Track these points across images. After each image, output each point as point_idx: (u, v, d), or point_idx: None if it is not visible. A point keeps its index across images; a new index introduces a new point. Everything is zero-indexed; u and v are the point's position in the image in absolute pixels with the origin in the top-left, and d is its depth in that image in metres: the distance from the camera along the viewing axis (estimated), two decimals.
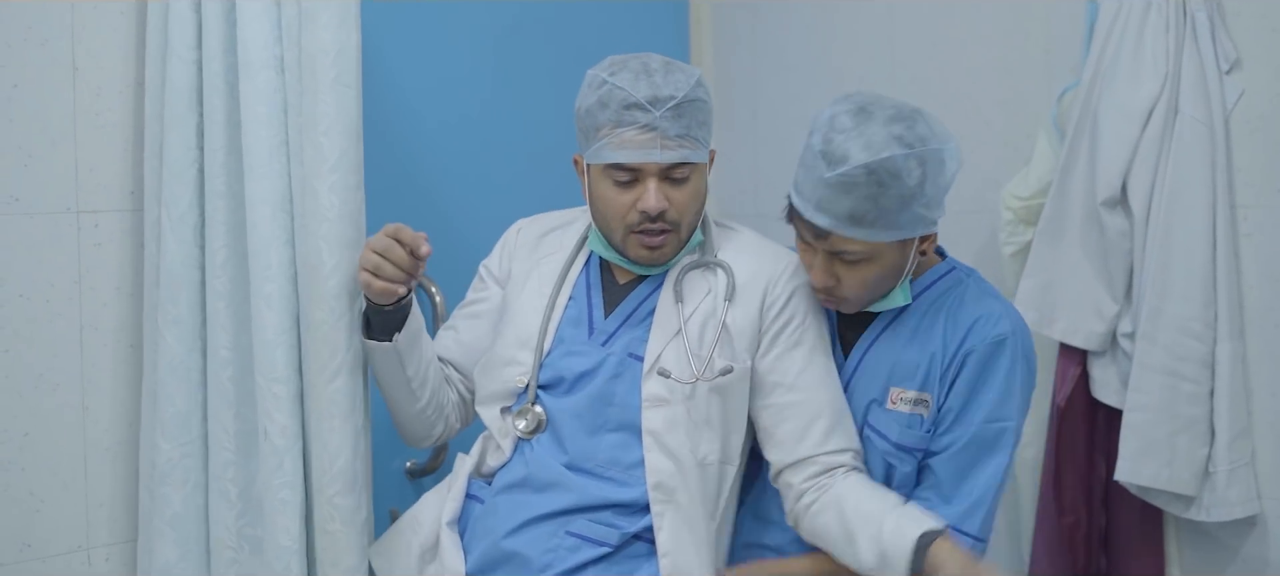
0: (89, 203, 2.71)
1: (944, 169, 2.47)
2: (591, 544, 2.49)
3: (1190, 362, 2.90)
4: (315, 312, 2.56)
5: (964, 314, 2.55)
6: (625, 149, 2.49)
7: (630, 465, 2.52)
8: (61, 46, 2.67)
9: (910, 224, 2.46)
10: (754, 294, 2.57)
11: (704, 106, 2.54)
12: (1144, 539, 3.07)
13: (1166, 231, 2.90)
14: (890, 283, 2.54)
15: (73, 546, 2.72)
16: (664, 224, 2.52)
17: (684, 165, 2.51)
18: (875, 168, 2.39)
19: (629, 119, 2.48)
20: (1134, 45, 2.95)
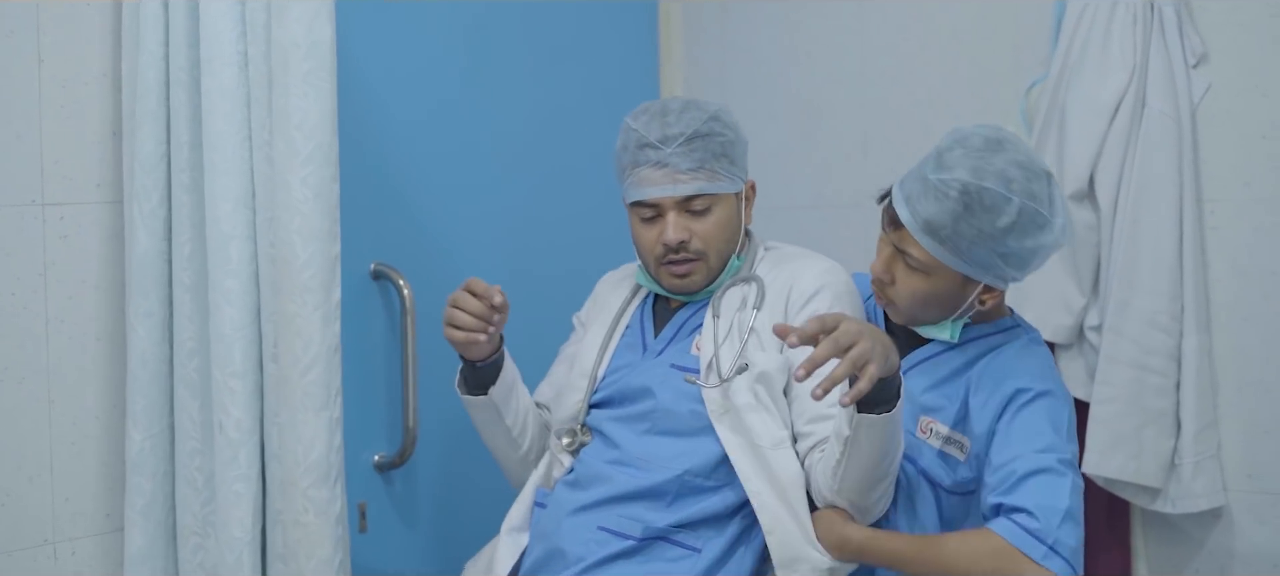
0: (55, 195, 2.70)
1: (1039, 236, 2.44)
2: (618, 537, 2.55)
3: (1157, 356, 2.91)
4: (288, 305, 2.56)
5: (1002, 366, 2.52)
6: (643, 187, 2.65)
7: (667, 458, 2.58)
8: (26, 38, 2.66)
9: (980, 264, 2.45)
10: (781, 294, 2.66)
11: (720, 140, 2.65)
12: (1110, 530, 3.08)
13: (1134, 225, 2.91)
14: (940, 311, 2.53)
15: (39, 540, 2.71)
16: (687, 253, 2.66)
17: (700, 197, 2.64)
18: (972, 190, 2.40)
19: (644, 158, 2.65)
20: (1101, 39, 2.96)
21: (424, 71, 3.30)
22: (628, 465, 2.60)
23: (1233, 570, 2.99)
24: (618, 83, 3.77)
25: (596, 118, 3.58)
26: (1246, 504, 2.97)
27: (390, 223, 3.20)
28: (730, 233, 2.69)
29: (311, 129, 2.54)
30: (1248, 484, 2.96)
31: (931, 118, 3.40)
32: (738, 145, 2.69)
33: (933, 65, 3.41)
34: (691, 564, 2.53)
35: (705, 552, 2.54)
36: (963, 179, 2.40)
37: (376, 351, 3.15)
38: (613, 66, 3.77)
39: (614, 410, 2.69)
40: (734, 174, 2.68)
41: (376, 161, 3.16)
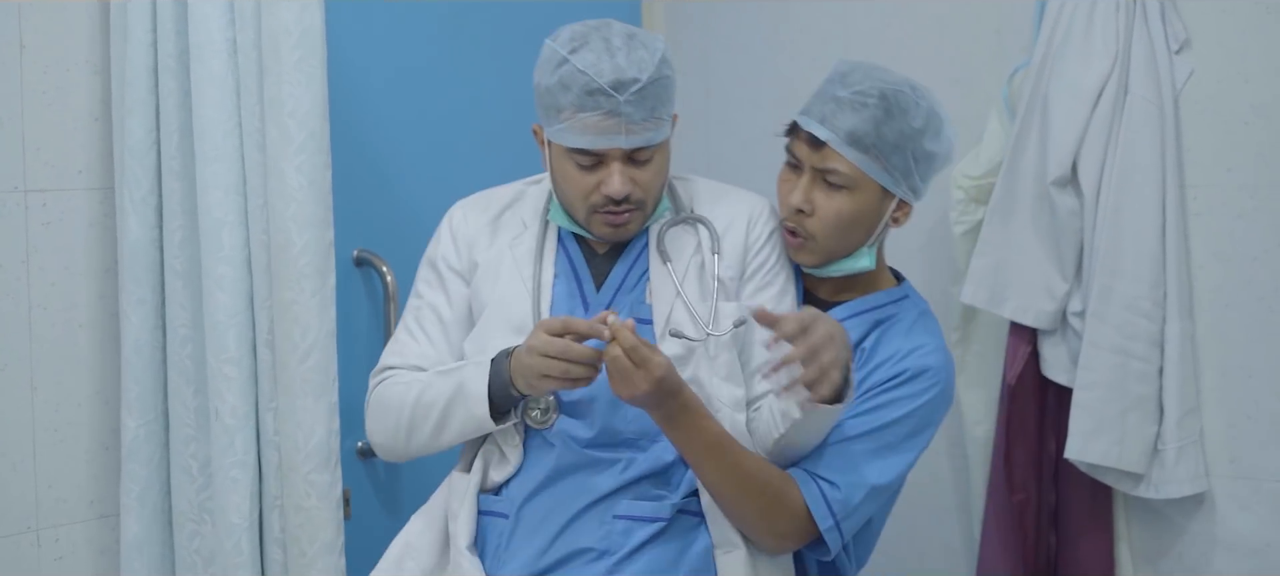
0: (37, 181, 2.70)
1: (940, 138, 2.57)
2: (644, 522, 2.46)
3: (1140, 341, 2.91)
4: (285, 292, 2.57)
5: (897, 338, 2.56)
6: (588, 133, 2.42)
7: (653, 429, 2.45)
8: (8, 24, 2.65)
9: (899, 170, 2.53)
10: (737, 238, 2.57)
11: (670, 83, 2.48)
12: (1093, 516, 3.09)
13: (1116, 211, 2.91)
14: (857, 236, 2.57)
15: (21, 527, 2.71)
16: (629, 205, 2.48)
17: (648, 148, 2.47)
18: (889, 94, 2.53)
19: (592, 104, 2.41)
20: (1084, 25, 2.96)
21: (406, 59, 3.29)
22: (625, 446, 2.48)
23: (1215, 555, 3.00)
24: None
25: None
26: (1229, 489, 2.97)
27: (373, 209, 3.20)
28: (666, 176, 2.56)
29: (304, 116, 2.54)
30: (1230, 469, 2.97)
31: None
32: (675, 84, 2.52)
33: (916, 52, 3.40)
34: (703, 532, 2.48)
35: (708, 517, 2.48)
36: (879, 86, 2.53)
37: (359, 338, 3.15)
38: None
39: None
40: (669, 116, 2.51)
41: (359, 148, 3.15)
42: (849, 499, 2.45)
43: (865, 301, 2.62)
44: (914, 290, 2.70)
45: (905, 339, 2.56)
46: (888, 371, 2.52)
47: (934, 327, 2.63)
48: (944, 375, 2.55)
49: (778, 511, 2.45)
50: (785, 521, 2.46)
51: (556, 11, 3.60)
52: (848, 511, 2.45)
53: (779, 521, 2.46)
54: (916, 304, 2.66)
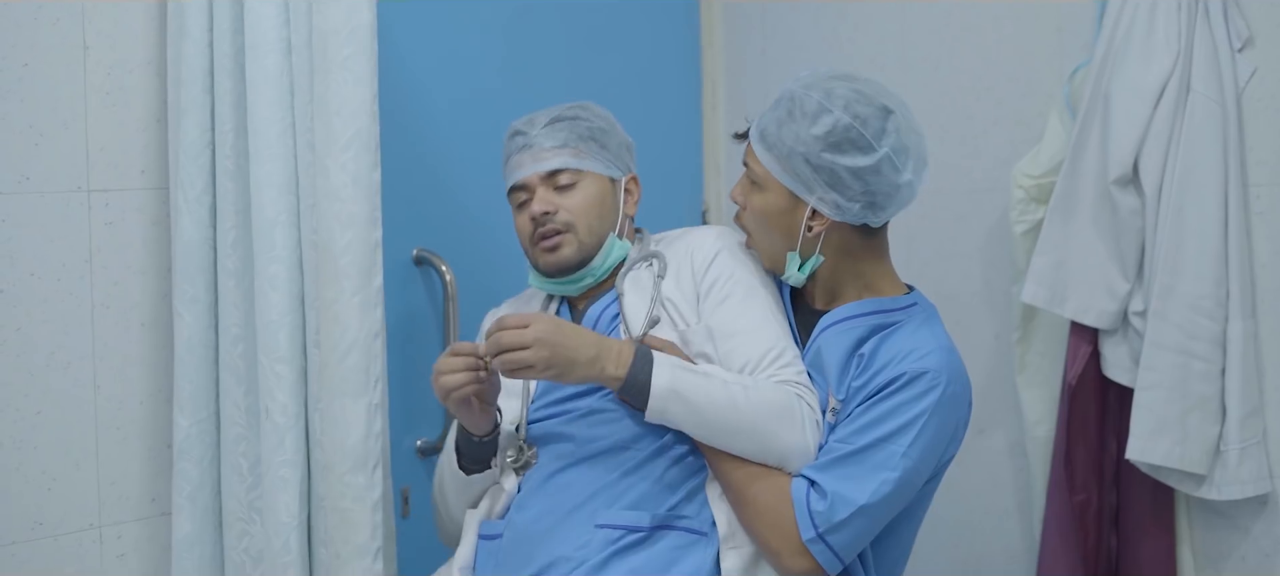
0: (100, 181, 2.72)
1: (855, 156, 2.48)
2: (622, 531, 2.47)
3: (1202, 341, 2.89)
4: (327, 291, 2.57)
5: (898, 341, 2.51)
6: (513, 172, 2.72)
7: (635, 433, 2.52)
8: (71, 26, 2.68)
9: (800, 177, 2.51)
10: (684, 264, 2.66)
11: (586, 124, 2.71)
12: (1155, 517, 3.06)
13: (1178, 210, 2.89)
14: (783, 238, 2.56)
15: (85, 524, 2.73)
16: (555, 226, 2.67)
17: (566, 171, 2.68)
18: (796, 96, 2.52)
19: (515, 147, 2.72)
20: (1146, 23, 2.94)
21: (465, 58, 3.31)
22: (600, 455, 2.54)
23: (1278, 558, 2.97)
24: (658, 69, 3.77)
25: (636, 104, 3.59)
26: None
27: (432, 209, 3.21)
28: (601, 210, 2.70)
29: (351, 115, 2.54)
30: None
31: (973, 103, 3.39)
32: (610, 135, 2.74)
33: (975, 50, 3.40)
34: (703, 550, 2.47)
35: (712, 537, 2.48)
36: (793, 89, 2.54)
37: (419, 337, 3.16)
38: (653, 52, 3.77)
39: (557, 420, 2.62)
40: (605, 158, 2.72)
41: (418, 148, 3.17)
42: (833, 513, 2.39)
43: (861, 305, 2.57)
44: (924, 299, 2.64)
45: (905, 342, 2.50)
46: (885, 377, 2.46)
47: (938, 331, 2.56)
48: (944, 376, 2.46)
49: (766, 500, 2.43)
50: (772, 514, 2.42)
51: (615, 6, 3.63)
52: (831, 525, 2.40)
53: (766, 513, 2.43)
54: (923, 310, 2.60)
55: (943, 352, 2.49)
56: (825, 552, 2.41)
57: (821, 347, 2.55)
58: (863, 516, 2.41)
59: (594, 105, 2.77)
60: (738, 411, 2.44)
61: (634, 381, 2.45)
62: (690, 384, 2.45)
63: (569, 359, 2.43)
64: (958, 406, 2.51)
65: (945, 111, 3.44)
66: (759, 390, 2.46)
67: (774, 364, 2.51)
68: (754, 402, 2.44)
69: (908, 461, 2.43)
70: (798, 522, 2.40)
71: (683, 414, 2.45)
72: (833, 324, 2.57)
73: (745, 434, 2.44)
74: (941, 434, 2.48)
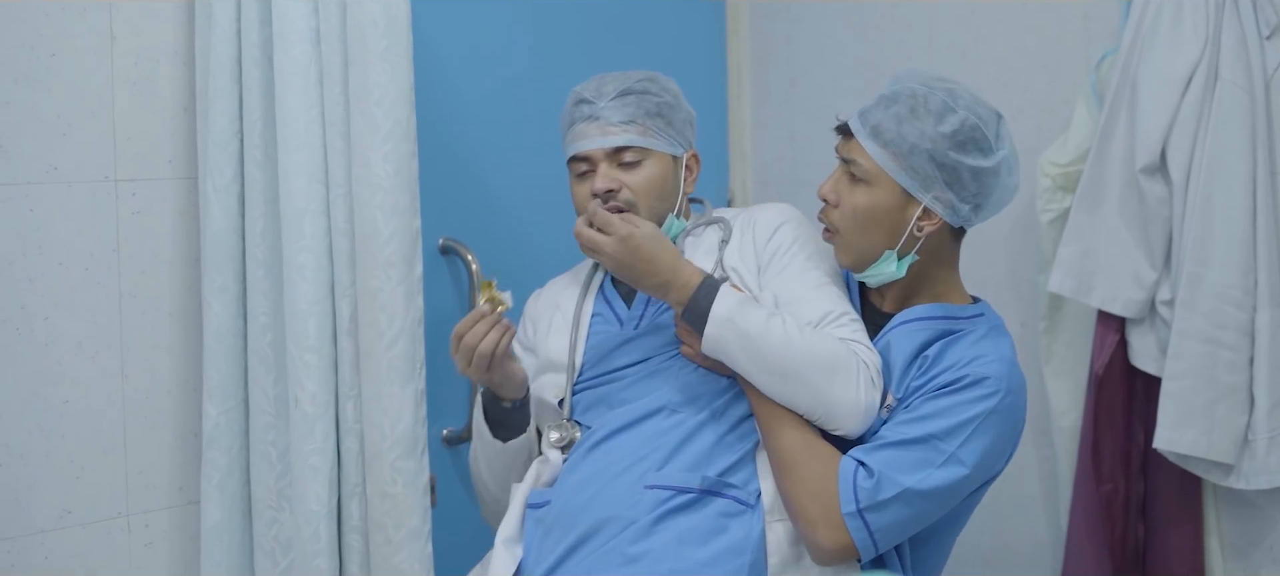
0: (127, 171, 2.73)
1: (978, 157, 2.50)
2: (673, 492, 2.47)
3: (1229, 330, 2.88)
4: (371, 280, 2.59)
5: (962, 347, 2.52)
6: (576, 141, 2.69)
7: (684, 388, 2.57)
8: (98, 16, 2.68)
9: (919, 174, 2.50)
10: (747, 234, 2.68)
11: (655, 99, 2.69)
12: (1182, 507, 3.06)
13: (1206, 198, 2.88)
14: (883, 237, 2.54)
15: (113, 513, 2.74)
16: (617, 204, 2.65)
17: (631, 149, 2.67)
18: (919, 94, 2.50)
19: (579, 115, 2.69)
20: (1173, 10, 2.93)
21: (491, 47, 3.31)
22: (650, 419, 2.56)
23: None
24: (684, 57, 3.77)
25: None
26: None
27: (457, 198, 3.21)
28: (663, 190, 2.70)
29: (391, 106, 2.56)
30: None
31: (1000, 92, 3.38)
32: (676, 110, 2.73)
33: (1002, 38, 3.39)
34: (749, 521, 2.48)
35: (757, 509, 2.49)
36: (913, 87, 2.53)
37: (444, 326, 3.15)
38: (679, 40, 3.77)
39: (609, 386, 2.65)
40: (671, 136, 2.71)
41: (444, 138, 3.17)
42: (878, 491, 2.39)
43: (930, 309, 2.59)
44: (991, 310, 2.65)
45: (969, 349, 2.51)
46: (945, 378, 2.47)
47: (1003, 343, 2.55)
48: (1004, 386, 2.46)
49: (813, 467, 2.44)
50: (816, 482, 2.42)
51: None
52: (873, 503, 2.39)
53: (811, 482, 2.43)
54: (990, 321, 2.61)
55: (1005, 364, 2.50)
56: (862, 530, 2.40)
57: (890, 344, 2.55)
58: (905, 502, 2.40)
59: (661, 77, 2.76)
60: (791, 351, 2.44)
61: (696, 304, 2.48)
62: (749, 316, 2.46)
63: (647, 262, 2.49)
64: (1013, 419, 2.51)
65: None
66: (817, 338, 2.47)
67: (833, 323, 2.52)
68: (809, 348, 2.45)
69: (958, 461, 2.43)
70: (840, 495, 2.40)
71: (737, 345, 2.46)
72: (903, 323, 2.57)
73: (796, 378, 2.44)
74: (996, 443, 2.47)
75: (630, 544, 2.43)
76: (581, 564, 2.45)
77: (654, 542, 2.43)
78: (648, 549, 2.42)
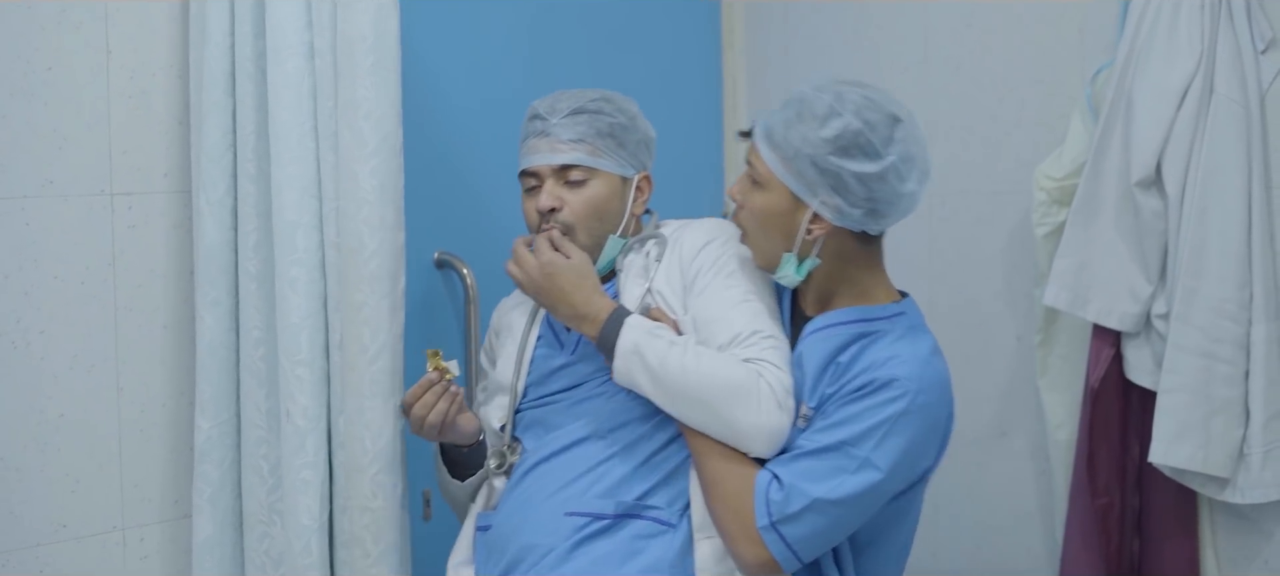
0: (123, 185, 2.73)
1: (862, 163, 2.47)
2: (589, 519, 2.52)
3: (1225, 344, 2.88)
4: (356, 294, 2.59)
5: (877, 350, 2.49)
6: (527, 156, 2.70)
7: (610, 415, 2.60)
8: (95, 30, 2.69)
9: (804, 179, 2.49)
10: (674, 253, 2.68)
11: (607, 120, 2.69)
12: (1178, 521, 3.06)
13: (1201, 212, 2.88)
14: (776, 240, 2.54)
15: (108, 526, 2.74)
16: (557, 223, 2.66)
17: (578, 167, 2.66)
18: (807, 99, 2.51)
19: (532, 130, 2.70)
20: (1169, 24, 2.93)
21: (487, 59, 3.31)
22: (581, 444, 2.59)
23: None
24: (679, 72, 3.77)
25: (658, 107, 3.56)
26: None
27: (453, 212, 3.22)
28: (605, 211, 2.69)
29: (378, 121, 2.56)
30: None
31: (995, 105, 3.39)
32: (630, 132, 2.72)
33: (997, 52, 3.39)
34: (668, 540, 2.51)
35: (680, 527, 2.52)
36: (804, 91, 2.52)
37: (440, 339, 3.17)
38: (674, 55, 3.77)
39: (547, 409, 2.68)
40: (621, 157, 2.71)
41: (439, 151, 3.17)
42: (788, 503, 2.40)
43: (846, 313, 2.56)
44: (914, 309, 2.62)
45: (884, 350, 2.48)
46: (857, 382, 2.45)
47: (919, 342, 2.52)
48: (914, 386, 2.44)
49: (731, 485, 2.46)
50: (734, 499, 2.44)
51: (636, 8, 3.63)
52: (785, 515, 2.40)
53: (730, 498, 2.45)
54: (909, 320, 2.57)
55: (917, 363, 2.47)
56: (778, 543, 2.41)
57: (804, 353, 2.54)
58: (818, 511, 2.40)
59: (619, 97, 2.75)
60: (690, 380, 2.46)
61: (605, 338, 2.52)
62: (651, 347, 2.49)
63: (560, 294, 2.57)
64: (930, 417, 2.47)
65: (967, 113, 3.43)
66: (718, 364, 2.47)
67: (742, 344, 2.51)
68: (710, 374, 2.46)
69: (872, 466, 2.41)
70: (755, 509, 2.42)
71: (644, 377, 2.50)
72: (816, 330, 2.56)
73: (700, 404, 2.47)
74: (914, 444, 2.45)
75: (549, 571, 2.49)
76: None
77: (570, 569, 2.48)
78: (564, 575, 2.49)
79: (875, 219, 2.51)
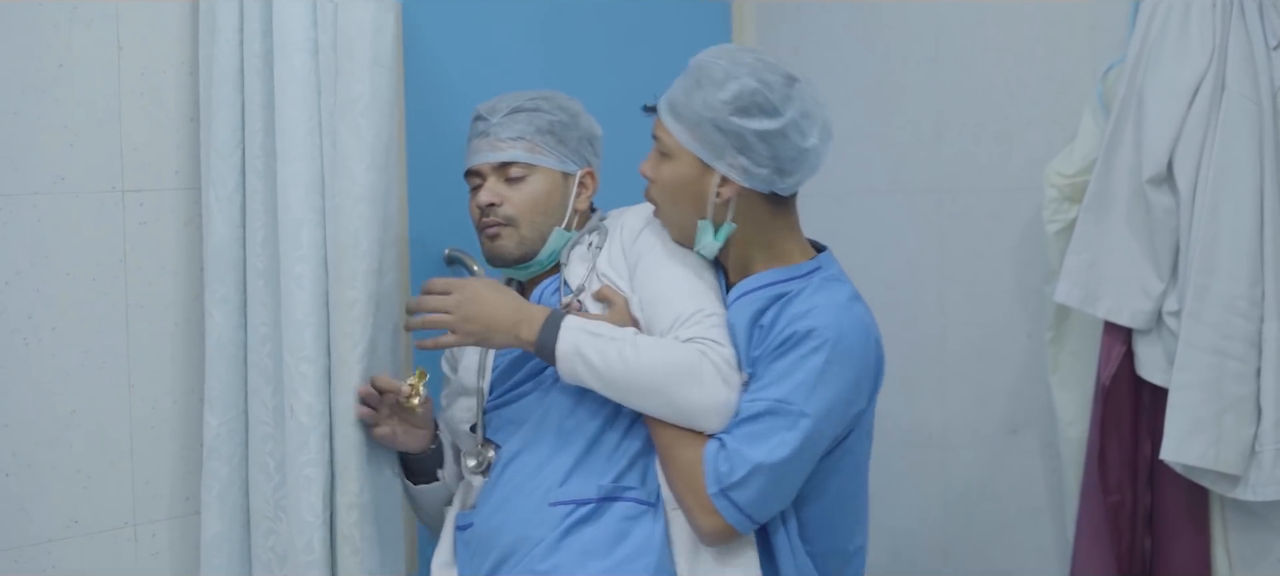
0: (134, 182, 2.73)
1: (762, 120, 2.54)
2: (574, 506, 2.56)
3: (1237, 341, 2.88)
4: (348, 292, 2.59)
5: (795, 306, 2.55)
6: (470, 156, 2.78)
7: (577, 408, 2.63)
8: (106, 27, 2.69)
9: (709, 143, 2.55)
10: (615, 239, 2.74)
11: (546, 117, 2.76)
12: (1189, 518, 3.05)
13: (1213, 209, 2.88)
14: (686, 209, 2.60)
15: (119, 522, 2.74)
16: (498, 217, 2.73)
17: (517, 164, 2.73)
18: (704, 65, 2.58)
19: (474, 131, 2.78)
20: (1180, 21, 2.93)
21: (497, 58, 3.31)
22: (550, 434, 2.63)
23: None
24: None
25: None
26: None
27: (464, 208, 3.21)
28: (547, 205, 2.75)
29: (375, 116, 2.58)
30: None
31: (1006, 102, 3.38)
32: (571, 129, 2.79)
33: (1008, 49, 3.39)
34: (651, 519, 2.56)
35: (658, 505, 2.57)
36: (702, 59, 2.60)
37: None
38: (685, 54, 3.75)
39: (515, 405, 2.72)
40: (561, 153, 2.77)
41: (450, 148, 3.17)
42: (733, 471, 2.46)
43: (765, 276, 2.62)
44: (831, 261, 2.67)
45: (801, 305, 2.55)
46: (780, 336, 2.51)
47: (836, 291, 2.58)
48: (833, 332, 2.50)
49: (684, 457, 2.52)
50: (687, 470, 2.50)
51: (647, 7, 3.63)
52: (732, 482, 2.46)
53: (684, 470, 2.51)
54: (825, 272, 2.63)
55: (834, 309, 2.53)
56: (730, 509, 2.47)
57: (732, 321, 2.59)
58: (762, 474, 2.46)
59: (560, 95, 2.82)
60: (634, 372, 2.51)
61: (544, 344, 2.55)
62: (592, 346, 2.52)
63: (488, 324, 2.58)
64: (853, 360, 2.53)
65: (978, 110, 3.43)
66: (660, 349, 2.52)
67: (684, 325, 2.56)
68: (652, 362, 2.51)
69: (806, 419, 2.47)
70: (705, 478, 2.48)
71: (589, 375, 2.53)
72: (739, 297, 2.62)
73: (650, 392, 2.51)
74: (842, 390, 2.51)
75: (539, 562, 2.53)
76: None
77: (561, 558, 2.52)
78: (556, 565, 2.52)
79: (783, 177, 2.57)
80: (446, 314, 2.59)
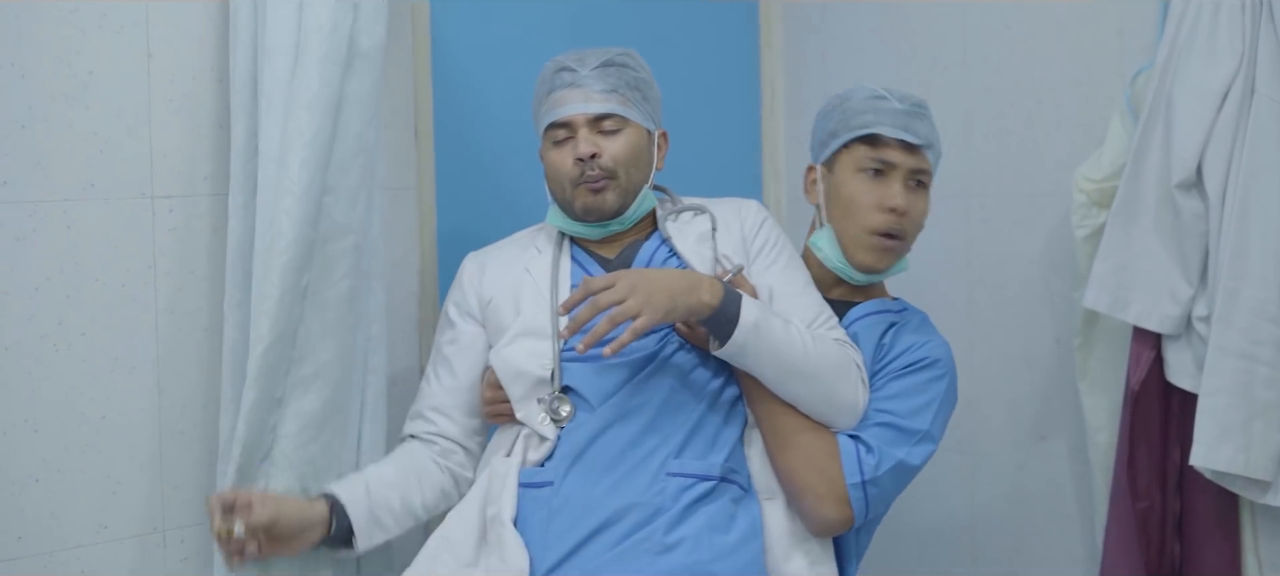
0: (164, 188, 2.74)
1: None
2: (695, 481, 2.57)
3: (1266, 346, 2.86)
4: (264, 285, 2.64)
5: (909, 334, 2.83)
6: (557, 108, 2.73)
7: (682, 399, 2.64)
8: (136, 33, 2.70)
9: None
10: (733, 225, 2.78)
11: (634, 74, 2.78)
12: (1219, 524, 3.03)
13: (1243, 214, 2.86)
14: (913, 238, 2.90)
15: (148, 528, 2.75)
16: (600, 170, 2.71)
17: (613, 116, 2.73)
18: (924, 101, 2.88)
19: (560, 82, 2.74)
20: (1209, 25, 2.91)
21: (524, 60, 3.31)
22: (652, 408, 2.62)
23: None
24: (717, 73, 3.77)
25: (695, 109, 3.59)
26: None
27: (488, 212, 3.22)
28: (640, 159, 2.78)
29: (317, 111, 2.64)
30: None
31: (1034, 106, 3.38)
32: (651, 88, 2.82)
33: (1037, 54, 3.38)
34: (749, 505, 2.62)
35: (752, 492, 2.64)
36: (913, 96, 2.88)
37: None
38: (712, 57, 3.77)
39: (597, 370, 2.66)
40: (646, 110, 2.80)
41: (474, 150, 3.18)
42: (879, 465, 2.62)
43: (880, 303, 2.90)
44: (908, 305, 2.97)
45: (915, 335, 2.82)
46: (908, 359, 2.75)
47: (935, 330, 2.88)
48: (952, 369, 2.80)
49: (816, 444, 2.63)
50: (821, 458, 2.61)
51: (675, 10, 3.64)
52: (875, 476, 2.62)
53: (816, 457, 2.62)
54: (917, 313, 2.93)
55: (946, 347, 2.82)
56: (862, 501, 2.62)
57: (857, 335, 2.78)
58: (895, 474, 2.66)
59: (637, 54, 2.83)
60: (808, 358, 2.58)
61: (724, 311, 2.55)
62: (770, 324, 2.57)
63: (671, 294, 2.53)
64: (953, 402, 2.83)
65: (1006, 115, 3.42)
66: (823, 343, 2.62)
67: (825, 324, 2.69)
68: (820, 353, 2.61)
69: (931, 439, 2.72)
70: (845, 468, 2.60)
71: (758, 351, 2.57)
72: (864, 315, 2.83)
73: (810, 380, 2.59)
74: (949, 415, 2.80)
75: (664, 532, 2.51)
76: (607, 551, 2.51)
77: (686, 530, 2.53)
78: (682, 537, 2.52)
79: None
80: (624, 301, 2.50)
